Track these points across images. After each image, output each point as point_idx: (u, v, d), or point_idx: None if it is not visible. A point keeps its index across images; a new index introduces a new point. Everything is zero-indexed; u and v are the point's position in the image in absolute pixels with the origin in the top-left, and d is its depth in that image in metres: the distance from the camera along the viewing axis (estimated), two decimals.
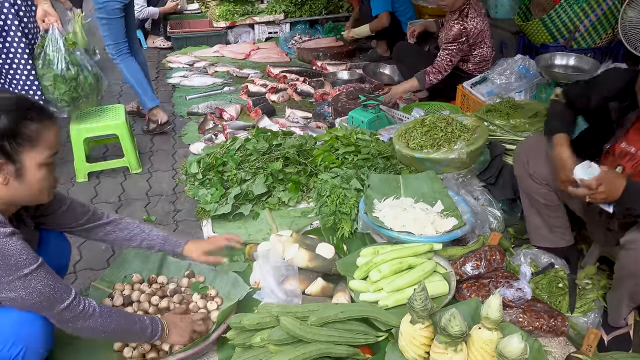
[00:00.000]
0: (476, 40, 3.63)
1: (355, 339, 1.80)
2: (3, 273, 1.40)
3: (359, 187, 2.52)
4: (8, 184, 1.45)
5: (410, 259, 2.06)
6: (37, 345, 1.53)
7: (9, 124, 1.39)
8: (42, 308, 1.50)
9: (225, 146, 2.95)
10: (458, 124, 2.66)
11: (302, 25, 6.11)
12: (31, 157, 1.45)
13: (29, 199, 1.55)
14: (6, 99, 1.44)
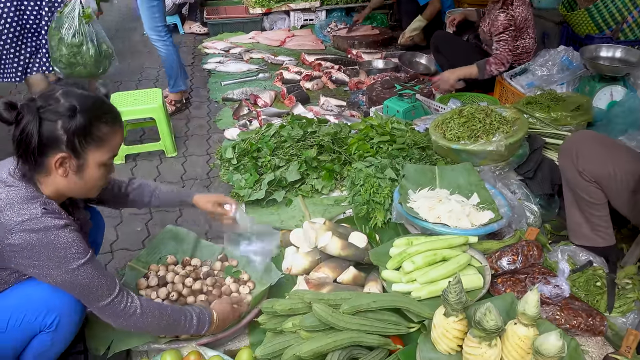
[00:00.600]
0: (520, 30, 3.53)
1: (386, 329, 1.79)
2: (51, 264, 1.43)
3: (394, 177, 2.49)
4: (67, 177, 1.51)
5: (445, 251, 2.03)
6: (70, 314, 1.57)
7: (84, 123, 1.45)
8: (85, 300, 1.54)
9: (260, 132, 2.96)
10: (497, 116, 2.60)
11: (338, 13, 6.06)
12: (94, 156, 1.51)
13: (80, 193, 1.61)
14: (87, 99, 1.49)
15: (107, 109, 1.55)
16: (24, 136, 1.41)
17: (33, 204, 1.43)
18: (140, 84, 4.71)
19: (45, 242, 1.41)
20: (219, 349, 1.89)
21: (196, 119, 3.98)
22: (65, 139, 1.44)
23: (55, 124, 1.43)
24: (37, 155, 1.43)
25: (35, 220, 1.40)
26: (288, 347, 1.73)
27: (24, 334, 1.53)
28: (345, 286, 2.08)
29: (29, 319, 1.51)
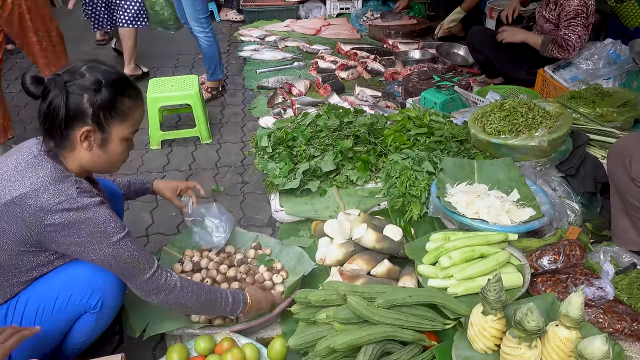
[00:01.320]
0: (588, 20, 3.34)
1: (421, 324, 1.76)
2: (94, 240, 1.46)
3: (431, 170, 2.45)
4: (92, 151, 1.53)
5: (483, 247, 1.98)
6: (113, 295, 1.60)
7: (109, 97, 1.47)
8: (128, 276, 1.56)
9: (296, 121, 2.94)
10: (540, 110, 2.52)
11: (374, 2, 5.98)
12: (118, 130, 1.54)
13: (102, 168, 1.62)
14: (111, 74, 1.51)
15: (130, 84, 1.57)
16: (51, 109, 1.43)
17: (67, 184, 1.45)
18: (176, 70, 4.75)
19: (84, 219, 1.43)
20: (251, 336, 1.90)
21: (231, 106, 3.99)
22: (91, 112, 1.46)
23: (82, 97, 1.45)
24: (63, 129, 1.45)
25: (71, 200, 1.42)
26: (322, 338, 1.72)
27: (70, 315, 1.56)
28: (379, 279, 2.06)
29: (74, 300, 1.54)
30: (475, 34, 3.97)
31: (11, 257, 1.46)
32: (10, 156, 1.53)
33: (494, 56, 3.81)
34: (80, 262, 1.56)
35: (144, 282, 1.57)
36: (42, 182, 1.42)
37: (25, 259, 1.48)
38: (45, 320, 1.53)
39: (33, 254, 1.48)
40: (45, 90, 1.43)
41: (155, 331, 1.84)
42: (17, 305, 1.53)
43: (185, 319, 1.93)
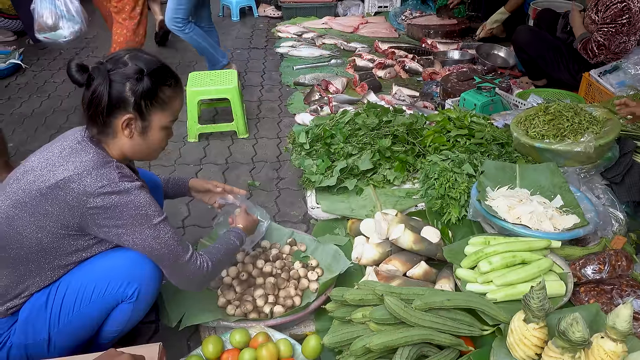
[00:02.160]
0: (633, 27, 3.24)
1: (459, 329, 1.73)
2: (135, 222, 1.49)
3: (471, 173, 2.40)
4: (132, 138, 1.56)
5: (525, 253, 1.94)
6: (150, 284, 1.61)
7: (150, 86, 1.51)
8: (167, 259, 1.58)
9: (334, 119, 2.93)
10: (587, 115, 2.45)
11: (413, 1, 5.92)
12: (158, 119, 1.57)
13: (142, 155, 1.66)
14: (153, 63, 1.54)
15: (171, 73, 1.60)
16: (94, 97, 1.46)
17: (108, 169, 1.48)
18: None
19: (126, 202, 1.46)
20: (284, 332, 1.90)
21: (268, 102, 4.00)
22: (133, 100, 1.49)
23: (124, 86, 1.48)
24: (105, 116, 1.49)
25: (113, 184, 1.45)
26: (357, 338, 1.71)
27: (107, 304, 1.58)
28: (415, 281, 2.04)
29: (111, 289, 1.55)
30: (521, 33, 3.88)
31: (53, 240, 1.49)
32: (55, 143, 1.58)
33: (539, 56, 3.72)
34: (119, 252, 1.58)
35: (181, 265, 1.59)
36: (85, 167, 1.46)
37: (66, 242, 1.51)
38: (83, 308, 1.56)
39: (73, 237, 1.52)
40: (90, 78, 1.47)
41: (191, 322, 1.86)
42: (57, 291, 1.56)
43: (221, 311, 1.94)
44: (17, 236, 1.48)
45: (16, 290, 1.55)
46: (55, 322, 1.56)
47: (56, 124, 3.68)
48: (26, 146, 3.39)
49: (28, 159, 1.57)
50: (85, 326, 1.61)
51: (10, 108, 3.95)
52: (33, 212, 1.46)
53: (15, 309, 1.57)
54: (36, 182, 1.46)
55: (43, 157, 1.52)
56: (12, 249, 1.49)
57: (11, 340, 1.59)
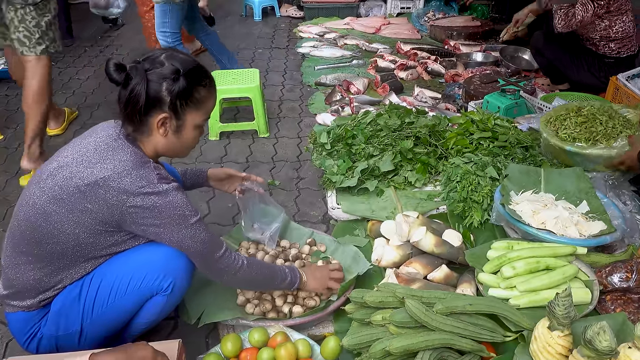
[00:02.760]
0: (619, 7, 3.28)
1: (480, 334, 1.70)
2: (173, 222, 1.52)
3: (495, 176, 2.36)
4: (167, 137, 1.58)
5: (549, 259, 1.90)
6: (184, 278, 1.64)
7: (186, 86, 1.53)
8: (202, 256, 1.61)
9: (356, 119, 2.91)
10: (620, 119, 2.38)
11: (436, 2, 5.88)
12: (192, 118, 1.59)
13: (175, 152, 1.68)
14: (188, 63, 1.56)
15: (205, 73, 1.62)
16: (132, 96, 1.48)
17: (147, 170, 1.50)
18: None
19: (165, 202, 1.49)
20: (303, 332, 1.89)
21: (288, 101, 4.00)
22: (169, 100, 1.52)
23: (161, 85, 1.50)
24: (142, 115, 1.51)
25: (152, 185, 1.48)
26: (376, 340, 1.69)
27: (142, 296, 1.60)
28: (436, 285, 2.01)
29: (147, 282, 1.58)
30: (538, 38, 3.84)
31: (89, 235, 1.51)
32: (87, 137, 1.59)
33: (556, 59, 3.66)
34: (154, 246, 1.60)
35: (215, 260, 1.64)
36: (124, 166, 1.48)
37: (102, 237, 1.54)
38: (118, 300, 1.58)
39: (110, 233, 1.54)
40: (127, 77, 1.48)
41: (210, 319, 1.86)
42: (91, 283, 1.58)
43: (240, 309, 1.94)
44: (54, 231, 1.49)
45: (50, 283, 1.57)
46: (88, 313, 1.59)
47: (80, 120, 3.73)
48: (51, 141, 3.44)
49: (60, 153, 1.58)
50: (119, 318, 1.64)
51: None
52: (71, 209, 1.47)
53: (48, 300, 1.60)
54: (73, 179, 1.47)
55: (77, 153, 1.53)
56: (49, 243, 1.51)
57: (42, 331, 1.61)
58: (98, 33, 5.71)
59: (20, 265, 1.56)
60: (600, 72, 3.50)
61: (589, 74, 3.57)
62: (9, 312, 1.62)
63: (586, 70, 3.57)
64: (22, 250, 1.55)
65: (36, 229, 1.50)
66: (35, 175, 1.57)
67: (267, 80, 4.40)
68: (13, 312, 1.60)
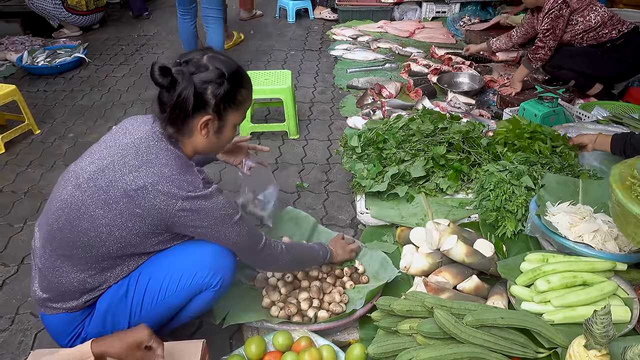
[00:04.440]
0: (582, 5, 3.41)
1: (511, 349, 1.64)
2: (219, 222, 1.56)
3: (530, 186, 2.29)
4: (208, 137, 1.60)
5: (587, 274, 1.82)
6: (230, 276, 1.69)
7: (230, 89, 1.55)
8: (247, 249, 1.69)
9: (388, 123, 2.87)
10: None
11: (472, 7, 5.77)
12: (232, 118, 1.62)
13: (212, 150, 1.70)
14: (231, 65, 1.57)
15: (245, 74, 1.65)
16: (180, 101, 1.48)
17: (193, 175, 1.52)
18: (268, 65, 4.83)
19: (211, 205, 1.52)
20: (327, 337, 1.86)
21: (320, 104, 3.98)
22: (213, 103, 1.54)
23: (206, 89, 1.51)
24: (187, 118, 1.52)
25: (198, 190, 1.51)
26: (403, 350, 1.65)
27: (192, 293, 1.64)
28: (465, 295, 1.95)
29: (197, 279, 1.61)
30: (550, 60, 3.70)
31: (137, 237, 1.53)
32: (123, 137, 1.56)
33: (578, 65, 3.55)
34: (200, 244, 1.63)
35: (259, 251, 1.72)
36: (171, 171, 1.49)
37: (149, 239, 1.56)
38: (168, 297, 1.61)
39: (156, 234, 1.56)
40: (173, 81, 1.48)
41: (235, 320, 1.85)
42: (137, 282, 1.60)
43: (265, 312, 1.92)
44: (102, 235, 1.50)
45: (95, 284, 1.58)
46: (136, 311, 1.61)
47: (114, 116, 3.79)
48: (85, 137, 3.51)
49: (96, 154, 1.55)
50: (166, 313, 1.67)
51: (73, 100, 4.10)
52: (120, 213, 1.48)
53: (92, 300, 1.61)
54: (119, 183, 1.47)
55: (117, 155, 1.51)
56: (95, 247, 1.51)
57: (86, 331, 1.62)
58: (134, 32, 5.82)
59: (62, 268, 1.55)
60: (620, 54, 3.44)
61: (615, 63, 3.46)
62: (48, 314, 1.62)
63: (608, 60, 3.46)
64: (65, 254, 1.54)
65: (82, 234, 1.50)
66: (71, 176, 1.55)
67: (298, 82, 4.39)
68: (55, 314, 1.61)
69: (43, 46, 4.98)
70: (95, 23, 5.82)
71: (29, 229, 2.62)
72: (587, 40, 3.49)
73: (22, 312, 2.12)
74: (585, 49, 3.52)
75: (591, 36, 3.47)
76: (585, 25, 3.44)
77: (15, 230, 2.61)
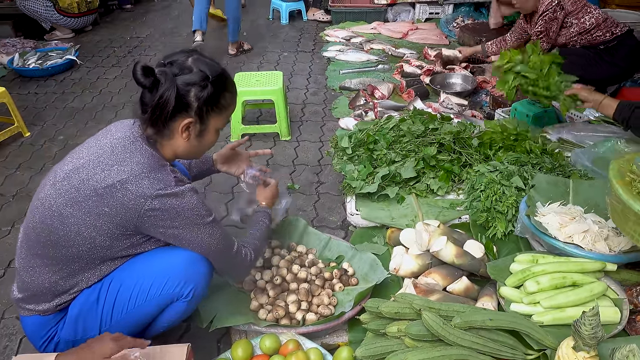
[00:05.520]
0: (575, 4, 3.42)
1: (500, 351, 1.62)
2: (191, 222, 1.52)
3: (521, 186, 2.28)
4: (188, 140, 1.57)
5: (576, 275, 1.81)
6: (203, 286, 1.62)
7: (213, 92, 1.52)
8: (220, 254, 1.63)
9: (379, 124, 2.85)
10: None
11: (466, 8, 5.78)
12: (215, 122, 1.59)
13: (192, 155, 1.66)
14: (215, 68, 1.55)
15: (229, 78, 1.61)
16: (161, 102, 1.46)
17: (165, 173, 1.48)
18: (261, 66, 4.81)
19: (182, 204, 1.48)
20: (316, 340, 1.84)
21: (312, 105, 3.97)
22: (196, 106, 1.51)
23: (189, 91, 1.49)
24: (167, 119, 1.50)
25: (170, 188, 1.47)
26: (391, 353, 1.64)
27: (162, 302, 1.58)
28: (455, 297, 1.94)
29: (168, 288, 1.56)
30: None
31: (106, 239, 1.49)
32: (103, 138, 1.56)
33: (571, 66, 3.55)
34: (173, 251, 1.58)
35: (234, 255, 1.67)
36: (142, 169, 1.46)
37: (119, 241, 1.52)
38: (138, 306, 1.56)
39: (127, 236, 1.52)
40: (155, 81, 1.46)
41: (222, 324, 1.82)
42: (109, 288, 1.56)
43: (253, 315, 1.90)
44: (71, 234, 1.48)
45: (66, 286, 1.55)
46: (107, 319, 1.57)
47: (105, 119, 3.77)
48: (75, 140, 3.48)
49: (74, 154, 1.55)
50: (138, 323, 1.62)
51: (64, 102, 4.08)
52: (88, 212, 1.45)
53: (64, 304, 1.58)
54: (90, 181, 1.45)
55: (93, 154, 1.50)
56: (64, 246, 1.49)
57: (59, 335, 1.60)
58: (127, 34, 5.80)
59: (35, 267, 1.54)
60: (612, 57, 3.45)
61: (607, 66, 3.47)
62: (24, 316, 1.60)
63: (600, 63, 3.47)
64: (37, 253, 1.53)
65: (52, 232, 1.48)
66: (51, 176, 1.54)
67: (291, 83, 4.37)
68: (28, 315, 1.59)
69: (34, 48, 4.96)
70: (87, 25, 5.81)
71: (16, 232, 2.59)
72: (580, 42, 3.49)
73: (7, 317, 2.09)
74: (578, 50, 3.52)
75: (585, 38, 3.47)
76: (579, 27, 3.44)
77: (2, 234, 2.59)
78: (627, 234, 1.68)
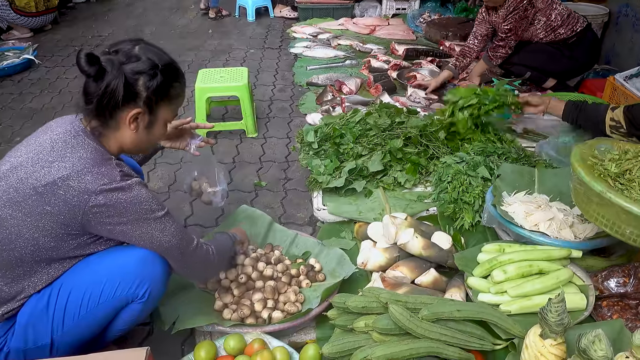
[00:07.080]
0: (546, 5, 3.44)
1: (469, 342, 1.60)
2: (140, 217, 1.43)
3: (487, 176, 2.27)
4: (137, 132, 1.51)
5: (542, 263, 1.81)
6: (159, 286, 1.54)
7: (163, 82, 1.47)
8: (176, 250, 1.53)
9: (345, 118, 2.82)
10: None
11: (432, 3, 5.81)
12: (164, 113, 1.55)
13: (140, 149, 1.60)
14: (164, 57, 1.51)
15: (179, 67, 1.57)
16: (107, 91, 1.39)
17: (109, 167, 1.41)
18: (227, 63, 4.73)
19: (129, 198, 1.40)
20: (283, 339, 1.79)
21: (279, 101, 3.92)
22: (145, 95, 1.45)
23: (137, 80, 1.43)
24: (113, 110, 1.43)
25: (115, 182, 1.39)
26: (358, 348, 1.60)
27: (117, 304, 1.50)
28: (423, 289, 1.91)
29: (122, 290, 1.47)
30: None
31: (51, 240, 1.41)
32: (43, 134, 1.47)
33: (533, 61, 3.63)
34: (125, 250, 1.50)
35: (191, 254, 1.58)
36: (84, 164, 1.38)
37: (65, 241, 1.43)
38: (90, 310, 1.47)
39: (73, 236, 1.43)
40: (101, 70, 1.39)
41: (184, 325, 1.76)
42: (59, 293, 1.47)
43: (217, 315, 1.84)
44: (11, 237, 1.39)
45: (11, 293, 1.46)
46: (59, 326, 1.48)
47: None
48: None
49: (13, 153, 1.47)
50: (92, 328, 1.53)
51: (21, 103, 3.93)
52: (29, 212, 1.37)
53: (12, 312, 1.48)
54: (29, 180, 1.37)
55: (32, 152, 1.42)
56: (5, 250, 1.40)
57: (8, 345, 1.49)
58: (88, 33, 5.64)
59: None
60: (572, 52, 3.53)
61: (567, 60, 3.56)
62: None
63: (561, 58, 3.56)
64: None
65: None
66: None
67: (258, 80, 4.31)
68: None
69: None
70: (47, 24, 5.63)
71: None
72: (545, 40, 3.54)
73: None
74: (539, 46, 3.57)
75: (549, 36, 3.52)
76: (546, 24, 3.47)
77: None
78: (591, 217, 1.67)
